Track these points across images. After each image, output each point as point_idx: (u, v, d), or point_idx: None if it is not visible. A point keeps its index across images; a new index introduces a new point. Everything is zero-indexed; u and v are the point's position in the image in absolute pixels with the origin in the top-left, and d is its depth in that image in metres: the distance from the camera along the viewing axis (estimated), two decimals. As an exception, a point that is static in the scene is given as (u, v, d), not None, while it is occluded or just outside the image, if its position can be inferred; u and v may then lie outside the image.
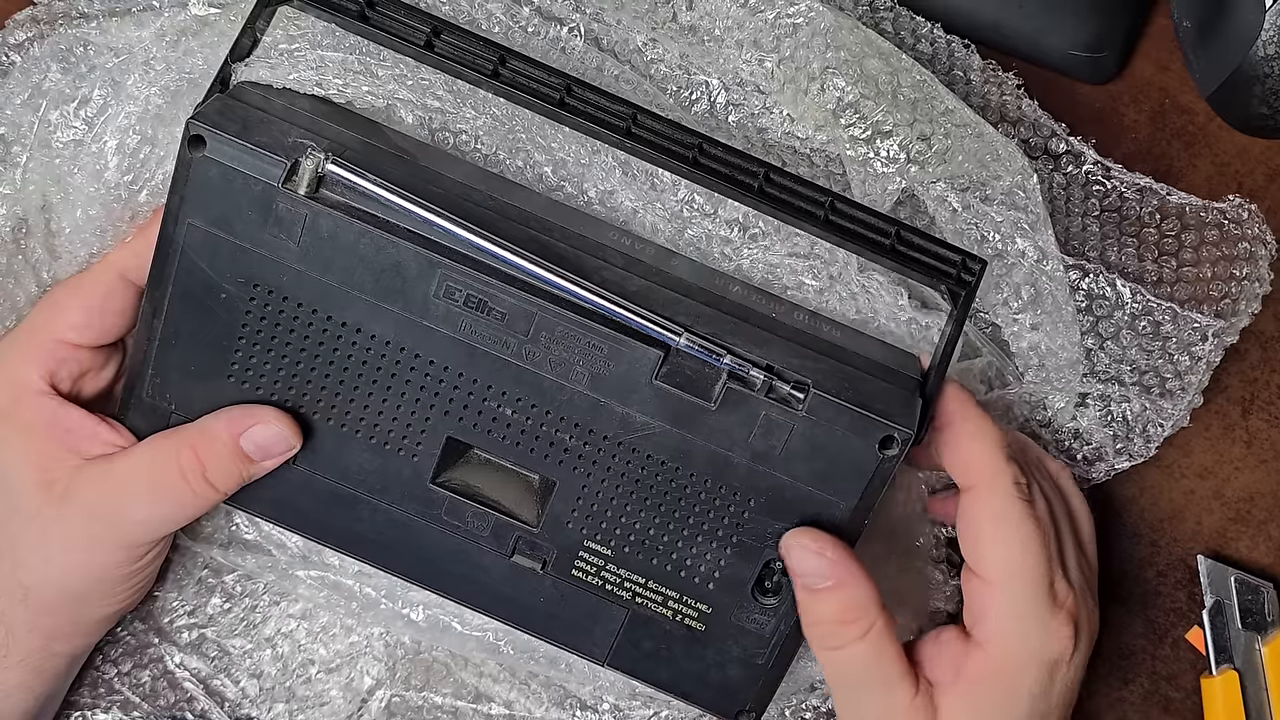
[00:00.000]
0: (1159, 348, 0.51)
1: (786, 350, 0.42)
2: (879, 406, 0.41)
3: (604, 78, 0.49)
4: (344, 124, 0.43)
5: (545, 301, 0.41)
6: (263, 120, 0.41)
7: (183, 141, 0.40)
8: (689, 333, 0.41)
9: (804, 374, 0.41)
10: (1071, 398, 0.51)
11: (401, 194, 0.41)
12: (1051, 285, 0.48)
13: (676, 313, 0.42)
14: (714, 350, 0.41)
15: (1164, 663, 0.53)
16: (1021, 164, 0.49)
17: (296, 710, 0.52)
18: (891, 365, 0.44)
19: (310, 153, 0.40)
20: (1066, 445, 0.51)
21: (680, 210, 0.46)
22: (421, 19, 0.42)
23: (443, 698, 0.52)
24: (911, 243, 0.42)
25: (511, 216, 0.42)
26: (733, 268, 0.46)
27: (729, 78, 0.50)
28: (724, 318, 0.43)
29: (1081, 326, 0.50)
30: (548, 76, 0.42)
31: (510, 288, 0.41)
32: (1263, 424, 0.53)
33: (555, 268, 0.41)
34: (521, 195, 0.44)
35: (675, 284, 0.43)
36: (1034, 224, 0.48)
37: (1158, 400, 0.51)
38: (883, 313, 0.46)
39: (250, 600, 0.52)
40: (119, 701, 0.51)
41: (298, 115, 0.42)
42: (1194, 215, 0.53)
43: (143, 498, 0.44)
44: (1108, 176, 0.53)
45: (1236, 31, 0.52)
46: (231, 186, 0.40)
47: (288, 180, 0.40)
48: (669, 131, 0.42)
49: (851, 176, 0.48)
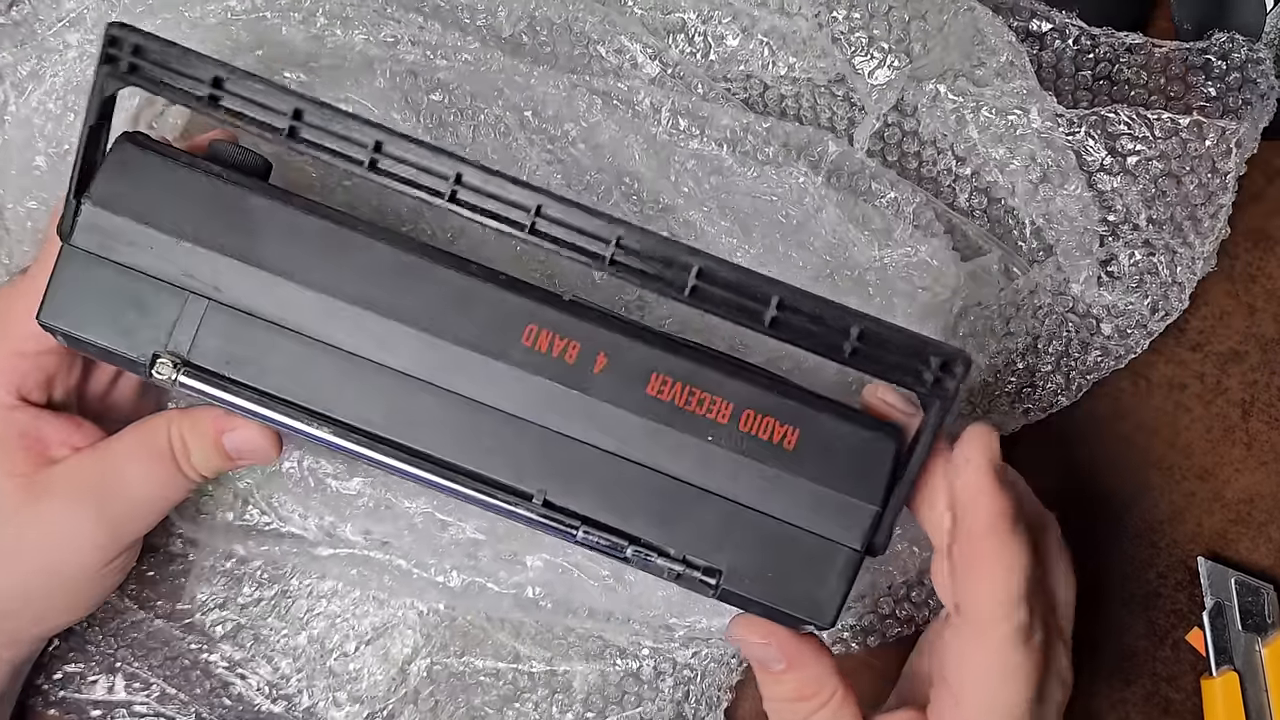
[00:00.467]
0: (1186, 171, 0.50)
1: (696, 529, 0.40)
2: (794, 599, 0.40)
3: (583, 22, 0.49)
4: (224, 231, 0.40)
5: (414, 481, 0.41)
6: (111, 294, 0.39)
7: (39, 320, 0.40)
8: (585, 524, 0.40)
9: (717, 555, 0.40)
10: (1093, 270, 0.50)
11: (249, 396, 0.40)
12: (1056, 151, 0.48)
13: (579, 494, 0.40)
14: (615, 544, 0.40)
15: (1164, 664, 0.53)
16: (1009, 39, 0.49)
17: (336, 687, 0.52)
18: (852, 475, 0.40)
19: (163, 360, 0.39)
20: (1099, 325, 0.51)
21: (662, 135, 0.46)
22: (282, 98, 0.38)
23: (482, 661, 0.52)
24: (878, 339, 0.37)
25: (371, 385, 0.40)
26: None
27: (706, 9, 0.49)
28: (620, 491, 0.40)
29: (1095, 183, 0.50)
30: (436, 165, 0.38)
31: (371, 467, 0.41)
32: (1263, 426, 0.53)
33: (429, 466, 0.40)
34: (411, 342, 0.40)
35: (578, 454, 0.40)
36: (1030, 91, 0.48)
37: (1186, 237, 0.50)
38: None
39: (279, 585, 0.52)
40: (156, 695, 0.52)
41: (163, 253, 0.39)
42: (1180, 59, 0.52)
43: (137, 472, 0.43)
44: (1095, 44, 0.52)
45: (1237, 32, 0.52)
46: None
47: (150, 371, 0.40)
48: (583, 224, 0.37)
49: (843, 71, 0.49)
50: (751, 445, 0.39)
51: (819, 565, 0.40)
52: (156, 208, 0.39)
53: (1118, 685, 0.53)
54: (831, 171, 0.48)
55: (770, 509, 0.40)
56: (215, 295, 0.39)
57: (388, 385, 0.40)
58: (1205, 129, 0.50)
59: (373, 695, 0.52)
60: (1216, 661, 0.51)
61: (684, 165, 0.47)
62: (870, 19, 0.48)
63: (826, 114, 0.51)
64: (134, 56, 0.38)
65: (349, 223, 0.40)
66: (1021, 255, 0.51)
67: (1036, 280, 0.51)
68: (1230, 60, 0.51)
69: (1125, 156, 0.50)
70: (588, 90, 0.47)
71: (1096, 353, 0.52)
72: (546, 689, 0.52)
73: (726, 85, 0.50)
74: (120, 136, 0.40)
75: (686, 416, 0.39)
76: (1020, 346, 0.51)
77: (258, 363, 0.40)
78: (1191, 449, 0.54)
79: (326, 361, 0.40)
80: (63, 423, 0.44)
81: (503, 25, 0.49)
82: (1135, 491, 0.54)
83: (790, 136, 0.48)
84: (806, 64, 0.49)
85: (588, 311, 0.40)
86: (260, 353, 0.39)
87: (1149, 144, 0.50)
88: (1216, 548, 0.53)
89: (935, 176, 0.52)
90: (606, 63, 0.49)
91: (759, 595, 0.40)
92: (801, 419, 0.40)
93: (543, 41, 0.49)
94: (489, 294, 0.39)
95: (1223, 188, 0.50)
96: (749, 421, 0.39)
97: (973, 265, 0.50)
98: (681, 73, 0.49)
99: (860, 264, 0.46)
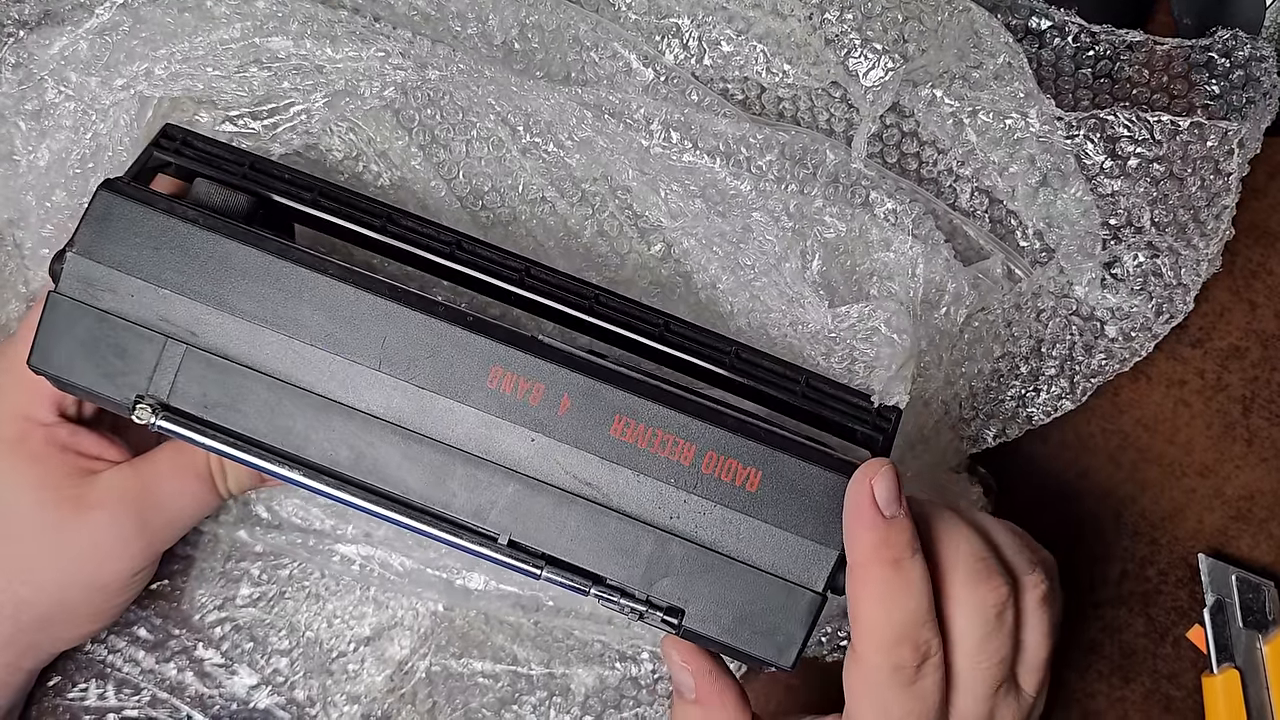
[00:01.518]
0: (1189, 173, 0.50)
1: (666, 558, 0.40)
2: (755, 641, 0.40)
3: (575, 28, 0.48)
4: (198, 277, 0.41)
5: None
6: (95, 340, 0.41)
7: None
8: (550, 564, 0.40)
9: (679, 595, 0.40)
10: (1096, 273, 0.50)
11: (224, 443, 0.41)
12: (1055, 154, 0.48)
13: (542, 535, 0.41)
14: (578, 585, 0.40)
15: (1165, 661, 0.53)
16: (1006, 40, 0.48)
17: (333, 687, 0.52)
18: (813, 518, 0.40)
19: (140, 403, 0.40)
20: (1103, 328, 0.51)
21: (654, 148, 0.46)
22: (309, 181, 0.44)
23: (481, 663, 0.52)
24: (823, 392, 0.42)
25: (338, 430, 0.41)
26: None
27: (701, 13, 0.49)
28: (587, 532, 0.40)
29: (1096, 187, 0.50)
30: (438, 233, 0.43)
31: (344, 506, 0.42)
32: (1263, 422, 0.53)
33: (399, 513, 0.41)
34: (377, 385, 0.41)
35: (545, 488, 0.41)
36: (1029, 94, 0.48)
37: (1190, 239, 0.50)
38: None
39: (277, 586, 0.52)
40: (147, 699, 0.51)
41: (145, 302, 0.41)
42: (1182, 56, 0.51)
43: (176, 488, 0.46)
44: (1095, 41, 0.52)
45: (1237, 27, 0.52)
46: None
47: (133, 410, 0.41)
48: (562, 282, 0.43)
49: (836, 78, 0.48)
50: (713, 488, 0.40)
51: (780, 607, 0.40)
52: (135, 256, 0.41)
53: (1118, 683, 0.53)
54: (829, 181, 0.48)
55: (732, 551, 0.40)
56: (192, 340, 0.41)
57: (355, 428, 0.41)
58: (1206, 130, 0.50)
59: (370, 696, 0.52)
60: (1217, 659, 0.51)
61: (673, 185, 0.47)
62: (864, 20, 0.48)
63: (825, 115, 0.51)
64: (180, 147, 0.43)
65: (319, 265, 0.41)
66: (1024, 257, 0.50)
67: (1039, 283, 0.50)
68: (1233, 58, 0.51)
69: (1126, 159, 0.50)
70: (579, 104, 0.46)
71: (1101, 356, 0.51)
72: (545, 691, 0.52)
73: (724, 86, 0.50)
74: (101, 185, 0.41)
75: (649, 458, 0.40)
76: (1024, 350, 0.51)
77: (233, 406, 0.41)
78: (1192, 445, 0.53)
79: (296, 405, 0.41)
80: (97, 438, 0.46)
81: (494, 32, 0.48)
82: (1135, 488, 0.53)
83: (787, 145, 0.48)
84: (801, 70, 0.49)
85: (554, 352, 0.41)
86: (234, 396, 0.41)
87: (1149, 146, 0.50)
88: (1217, 544, 0.53)
89: (936, 177, 0.51)
90: (600, 69, 0.49)
91: (721, 635, 0.40)
92: (764, 461, 0.40)
93: (534, 48, 0.49)
94: (454, 336, 0.40)
95: (1225, 189, 0.50)
96: (711, 463, 0.40)
97: (974, 270, 0.50)
98: (676, 78, 0.48)
99: (814, 322, 0.46)
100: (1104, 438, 0.53)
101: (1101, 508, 0.53)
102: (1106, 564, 0.53)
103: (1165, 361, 0.53)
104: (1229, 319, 0.53)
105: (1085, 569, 0.53)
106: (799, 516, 0.40)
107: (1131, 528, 0.53)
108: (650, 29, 0.49)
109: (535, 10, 0.48)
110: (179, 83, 0.46)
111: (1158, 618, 0.53)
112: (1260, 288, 0.53)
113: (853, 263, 0.47)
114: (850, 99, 0.50)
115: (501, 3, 0.48)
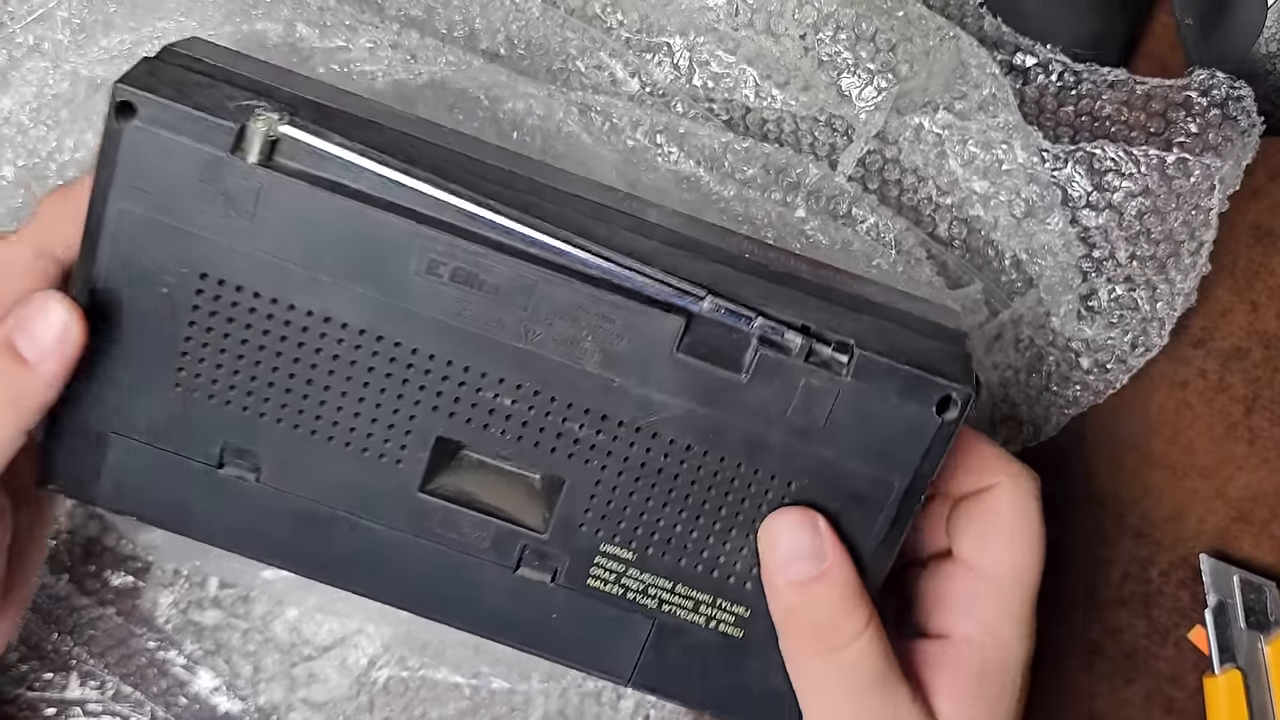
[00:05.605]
0: (1172, 207, 0.49)
1: (820, 309, 0.37)
2: (933, 365, 0.36)
3: (562, 37, 0.48)
4: (293, 85, 0.37)
5: (546, 270, 0.35)
6: (200, 83, 0.35)
7: (109, 111, 0.34)
8: (712, 294, 0.36)
9: (845, 333, 0.36)
10: (1073, 305, 0.50)
11: (373, 155, 0.35)
12: (1040, 186, 0.48)
13: (694, 274, 0.36)
14: (742, 313, 0.36)
15: (1167, 663, 0.53)
16: (992, 71, 0.48)
17: (293, 691, 0.51)
18: (933, 319, 0.39)
19: (260, 114, 0.34)
20: (1078, 360, 0.51)
21: (638, 150, 0.46)
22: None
23: (441, 675, 0.51)
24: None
25: (496, 180, 0.37)
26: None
27: (692, 34, 0.48)
28: (746, 277, 0.37)
29: (1079, 219, 0.50)
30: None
31: (505, 256, 0.35)
32: (1265, 423, 0.53)
33: (557, 229, 0.35)
34: (502, 156, 0.38)
35: (686, 243, 0.37)
36: (1015, 125, 0.48)
37: (1168, 274, 0.50)
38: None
39: (239, 589, 0.51)
40: (111, 693, 0.51)
41: (239, 77, 0.36)
42: (1162, 95, 0.51)
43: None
44: (1078, 79, 0.51)
45: (1239, 29, 0.52)
46: (169, 160, 0.34)
47: (236, 148, 0.34)
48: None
49: (826, 106, 0.48)
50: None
51: (937, 338, 0.38)
52: (233, 66, 0.36)
53: (1119, 684, 0.53)
54: (811, 193, 0.48)
55: (880, 313, 0.38)
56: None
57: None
58: (1190, 165, 0.49)
59: (329, 702, 0.51)
60: (1219, 660, 0.51)
61: (657, 186, 0.46)
62: (857, 42, 0.48)
63: (808, 139, 0.50)
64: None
65: None
66: (1001, 288, 0.50)
67: (1020, 312, 0.50)
68: (1211, 97, 0.51)
69: (1110, 192, 0.49)
70: (566, 102, 0.46)
71: (1076, 387, 0.51)
72: (506, 706, 0.51)
73: (709, 105, 0.50)
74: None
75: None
76: (999, 379, 0.51)
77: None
78: (1193, 446, 0.53)
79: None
80: None
81: (480, 38, 0.48)
82: (1137, 489, 0.53)
83: (770, 158, 0.48)
84: (789, 95, 0.48)
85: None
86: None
87: (1134, 180, 0.49)
88: (1219, 545, 0.53)
89: (916, 205, 0.51)
90: (586, 79, 0.48)
91: (898, 360, 0.36)
92: (884, 294, 0.39)
93: (521, 55, 0.49)
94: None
95: (1205, 224, 0.50)
96: None
97: (959, 292, 0.49)
98: (662, 91, 0.48)
99: None
100: (1105, 439, 0.53)
101: (1103, 509, 0.53)
102: (1108, 565, 0.53)
103: (1167, 362, 0.53)
104: (1230, 320, 0.53)
105: (1087, 570, 0.53)
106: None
107: (1133, 529, 0.53)
108: (641, 46, 0.49)
109: (520, 17, 0.48)
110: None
111: (1159, 619, 0.53)
112: (1262, 288, 0.53)
113: None
114: (835, 123, 0.50)
115: (490, 9, 0.47)
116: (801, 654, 0.39)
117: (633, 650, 0.40)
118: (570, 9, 0.49)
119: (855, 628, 0.38)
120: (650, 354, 0.36)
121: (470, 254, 0.35)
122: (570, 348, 0.36)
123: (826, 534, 0.38)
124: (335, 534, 0.39)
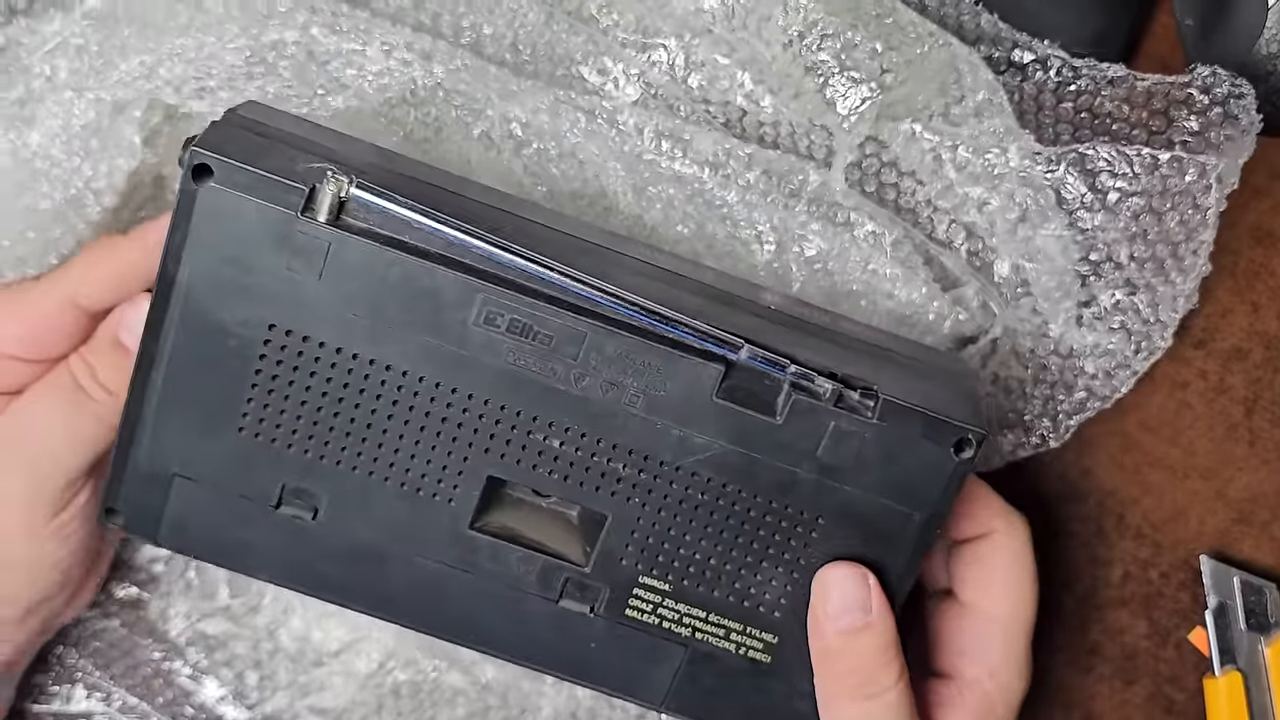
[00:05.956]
0: (1168, 208, 0.49)
1: (844, 357, 0.40)
2: (949, 408, 0.39)
3: (566, 42, 0.48)
4: (346, 146, 0.40)
5: (596, 321, 0.38)
6: (263, 146, 0.38)
7: (184, 171, 0.37)
8: (750, 343, 0.39)
9: (868, 379, 0.39)
10: (1073, 311, 0.50)
11: (435, 215, 0.37)
12: (1035, 190, 0.48)
13: (732, 325, 0.39)
14: (777, 360, 0.39)
15: (1167, 664, 0.53)
16: (986, 76, 0.48)
17: (300, 697, 0.51)
18: (944, 366, 0.42)
19: (331, 176, 0.37)
20: (1081, 367, 0.51)
21: (644, 155, 0.46)
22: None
23: (450, 678, 0.51)
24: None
25: (542, 236, 0.40)
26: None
27: (687, 36, 0.48)
28: (777, 328, 0.40)
29: (1075, 221, 0.49)
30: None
31: (557, 309, 0.38)
32: (1266, 424, 0.53)
33: (605, 284, 0.38)
34: (543, 214, 0.42)
35: (721, 297, 0.41)
36: (1009, 130, 0.48)
37: (1168, 275, 0.50)
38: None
39: (244, 599, 0.52)
40: (118, 704, 0.51)
41: (299, 140, 0.39)
42: (1162, 92, 0.51)
43: (43, 409, 0.42)
44: (1077, 75, 0.51)
45: (1239, 30, 0.52)
46: (242, 218, 0.37)
47: (307, 208, 0.37)
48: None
49: (813, 114, 0.48)
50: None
51: (950, 384, 0.41)
52: (293, 130, 0.39)
53: (1119, 686, 0.53)
54: (812, 200, 0.48)
55: (897, 360, 0.42)
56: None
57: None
58: (1186, 164, 0.49)
59: (337, 708, 0.51)
60: (1220, 661, 0.51)
61: (662, 191, 0.46)
62: (844, 49, 0.48)
63: (805, 143, 0.50)
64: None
65: None
66: (1000, 293, 0.50)
67: (1023, 316, 0.50)
68: (1212, 94, 0.50)
69: (1106, 193, 0.49)
70: (572, 107, 0.46)
71: (1081, 394, 0.51)
72: (516, 708, 0.51)
73: (706, 108, 0.49)
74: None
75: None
76: (1002, 388, 0.51)
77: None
78: (1194, 447, 0.53)
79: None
80: None
81: (485, 43, 0.48)
82: (1137, 490, 0.53)
83: (772, 164, 0.48)
84: (780, 102, 0.48)
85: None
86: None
87: (1130, 180, 0.49)
88: (1219, 546, 0.53)
89: (914, 208, 0.50)
90: (588, 84, 0.48)
91: (919, 402, 0.39)
92: (898, 344, 0.43)
93: (525, 60, 0.48)
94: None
95: (1203, 224, 0.49)
96: None
97: (954, 293, 0.49)
98: (664, 94, 0.48)
99: None
100: (1106, 439, 0.53)
101: (1103, 510, 0.53)
102: (1108, 566, 0.53)
103: (1167, 363, 0.53)
104: (1231, 320, 0.53)
105: (1087, 571, 0.53)
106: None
107: (1133, 530, 0.53)
108: (637, 48, 0.49)
109: (524, 22, 0.48)
110: (186, 86, 0.44)
111: (1160, 620, 0.53)
112: (1262, 289, 0.53)
113: (831, 283, 0.47)
114: (830, 129, 0.50)
115: (495, 15, 0.47)
116: (837, 698, 0.41)
117: (666, 677, 0.43)
118: (567, 9, 0.49)
119: (890, 679, 0.41)
120: (691, 399, 0.39)
121: (526, 306, 0.38)
122: (617, 393, 0.39)
123: (874, 589, 0.40)
124: (388, 570, 0.42)
